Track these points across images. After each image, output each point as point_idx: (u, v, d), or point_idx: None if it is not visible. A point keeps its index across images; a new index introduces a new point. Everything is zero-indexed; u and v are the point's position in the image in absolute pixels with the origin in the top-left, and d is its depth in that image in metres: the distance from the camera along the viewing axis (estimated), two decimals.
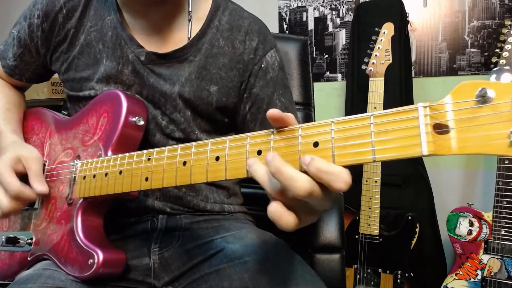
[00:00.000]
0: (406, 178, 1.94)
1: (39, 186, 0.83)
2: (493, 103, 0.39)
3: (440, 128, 0.42)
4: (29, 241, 0.87)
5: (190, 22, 0.91)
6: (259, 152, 0.54)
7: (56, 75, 1.03)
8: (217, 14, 0.94)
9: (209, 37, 0.92)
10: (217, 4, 0.95)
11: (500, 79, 0.40)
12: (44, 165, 0.92)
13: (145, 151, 0.70)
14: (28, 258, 0.87)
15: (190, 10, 0.91)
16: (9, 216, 0.88)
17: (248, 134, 0.57)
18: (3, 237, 0.88)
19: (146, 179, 0.68)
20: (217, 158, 0.59)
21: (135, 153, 0.72)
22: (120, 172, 0.73)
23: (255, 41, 0.93)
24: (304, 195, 0.48)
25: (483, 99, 0.40)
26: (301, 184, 0.48)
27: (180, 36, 0.91)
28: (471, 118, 0.40)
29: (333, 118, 0.49)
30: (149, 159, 0.69)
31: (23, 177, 0.84)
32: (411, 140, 0.43)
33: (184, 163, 0.63)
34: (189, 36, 0.91)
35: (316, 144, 0.50)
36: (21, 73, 1.03)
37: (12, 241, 0.87)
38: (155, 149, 0.69)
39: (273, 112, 0.53)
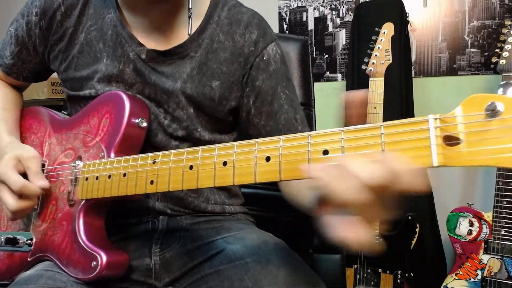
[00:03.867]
0: None
1: (40, 181, 0.83)
2: (502, 117, 0.40)
3: (450, 140, 0.43)
4: (29, 241, 0.87)
5: (190, 19, 0.91)
6: (268, 159, 0.54)
7: (56, 75, 1.02)
8: (216, 10, 0.94)
9: (209, 32, 0.91)
10: (216, 1, 0.95)
11: (507, 93, 0.41)
12: (44, 165, 0.91)
13: (150, 154, 0.70)
14: (28, 259, 0.87)
15: (190, 7, 0.91)
16: (18, 217, 0.88)
17: (257, 140, 0.57)
18: (2, 237, 0.87)
19: (152, 182, 0.68)
20: (225, 163, 0.58)
21: (139, 155, 0.71)
22: (124, 175, 0.72)
23: (255, 33, 0.93)
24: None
25: (492, 112, 0.40)
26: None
27: (181, 33, 0.91)
28: (481, 131, 0.41)
29: (343, 127, 0.50)
30: (154, 162, 0.68)
31: (24, 177, 0.84)
32: (422, 151, 0.44)
33: (191, 167, 0.62)
34: (189, 33, 0.90)
35: (325, 152, 0.50)
36: (18, 72, 1.01)
37: (11, 241, 0.86)
38: (161, 152, 0.68)
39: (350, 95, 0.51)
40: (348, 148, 0.48)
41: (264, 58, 0.93)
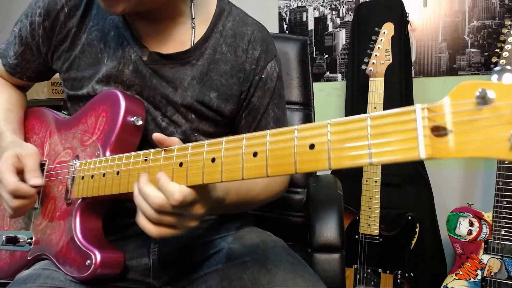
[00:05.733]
0: (406, 178, 1.94)
1: (33, 180, 0.83)
2: (493, 105, 0.38)
3: (439, 131, 0.41)
4: (29, 240, 0.87)
5: (193, 30, 0.90)
6: (255, 154, 0.54)
7: (56, 75, 1.02)
8: (221, 18, 0.93)
9: (212, 42, 0.91)
10: (221, 8, 0.94)
11: (502, 79, 0.38)
12: (44, 164, 0.92)
13: (142, 152, 0.70)
14: (28, 258, 0.87)
15: (193, 17, 0.90)
16: (18, 215, 0.88)
17: (244, 135, 0.56)
18: (3, 236, 0.87)
19: None
20: (213, 160, 0.58)
21: (132, 153, 0.72)
22: (118, 173, 0.73)
23: (258, 50, 0.93)
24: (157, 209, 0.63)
25: (483, 100, 0.38)
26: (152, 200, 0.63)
27: (184, 38, 0.90)
28: (471, 121, 0.39)
29: (330, 120, 0.49)
30: (146, 160, 0.69)
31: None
32: (409, 143, 0.42)
33: (181, 164, 0.62)
34: (192, 43, 0.89)
35: (312, 146, 0.49)
36: (22, 72, 1.01)
37: (12, 240, 0.87)
38: (152, 150, 0.69)
39: (156, 136, 0.66)
40: (335, 141, 0.47)
41: (263, 77, 0.94)
